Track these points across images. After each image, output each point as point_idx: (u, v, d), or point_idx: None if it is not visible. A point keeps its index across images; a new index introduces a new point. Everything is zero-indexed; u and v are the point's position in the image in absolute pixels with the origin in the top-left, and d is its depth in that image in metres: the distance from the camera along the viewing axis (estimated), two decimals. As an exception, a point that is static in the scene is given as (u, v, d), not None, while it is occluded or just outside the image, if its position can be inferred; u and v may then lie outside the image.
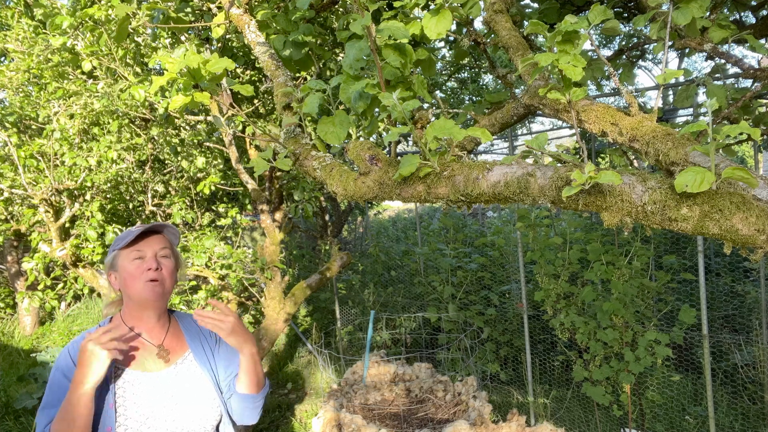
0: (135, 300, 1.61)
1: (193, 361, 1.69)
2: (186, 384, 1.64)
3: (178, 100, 1.56)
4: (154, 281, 1.59)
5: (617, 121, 1.34)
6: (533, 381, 5.27)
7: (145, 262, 1.59)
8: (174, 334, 1.71)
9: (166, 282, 1.62)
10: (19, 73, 4.13)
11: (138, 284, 1.58)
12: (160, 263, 1.61)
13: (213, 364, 1.72)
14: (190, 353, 1.70)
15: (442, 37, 1.66)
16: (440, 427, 3.06)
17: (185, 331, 1.74)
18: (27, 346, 7.22)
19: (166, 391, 1.59)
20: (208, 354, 1.73)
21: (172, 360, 1.65)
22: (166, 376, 1.61)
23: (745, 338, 5.26)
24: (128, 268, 1.59)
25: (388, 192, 1.43)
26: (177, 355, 1.68)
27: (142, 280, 1.58)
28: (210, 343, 1.77)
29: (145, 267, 1.58)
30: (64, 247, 4.12)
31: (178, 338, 1.72)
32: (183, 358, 1.68)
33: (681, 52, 12.22)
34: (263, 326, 4.59)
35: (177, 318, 1.78)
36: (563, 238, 4.42)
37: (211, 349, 1.76)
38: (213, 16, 3.20)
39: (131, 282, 1.58)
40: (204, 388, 1.66)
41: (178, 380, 1.63)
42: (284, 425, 5.14)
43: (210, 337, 1.78)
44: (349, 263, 5.29)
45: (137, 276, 1.58)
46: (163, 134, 4.53)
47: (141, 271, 1.58)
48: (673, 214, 0.99)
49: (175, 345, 1.69)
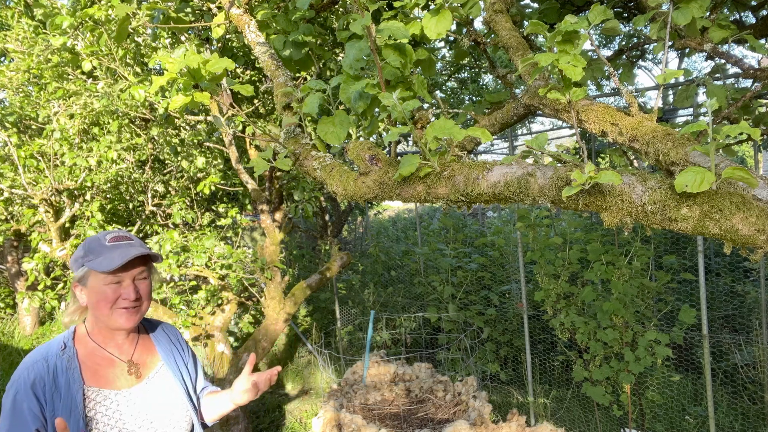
0: (103, 323, 1.51)
1: (165, 373, 1.63)
2: (158, 397, 1.58)
3: (178, 100, 1.56)
4: (130, 309, 1.49)
5: (617, 121, 1.34)
6: (533, 381, 5.27)
7: (121, 288, 1.47)
8: (144, 345, 1.64)
9: (143, 306, 1.53)
10: (19, 73, 4.13)
11: (108, 310, 1.47)
12: (137, 288, 1.50)
13: (185, 372, 1.69)
14: (162, 365, 1.64)
15: (442, 37, 1.66)
16: (440, 427, 3.06)
17: (155, 342, 1.67)
18: (27, 346, 7.22)
19: (138, 407, 1.53)
20: (179, 363, 1.69)
21: (143, 374, 1.58)
22: (137, 392, 1.55)
23: (745, 338, 5.26)
24: (101, 290, 1.46)
25: (388, 192, 1.43)
26: (148, 368, 1.61)
27: (116, 306, 1.47)
28: (181, 352, 1.73)
29: (123, 295, 1.47)
30: (64, 247, 4.12)
31: (149, 350, 1.64)
32: (155, 371, 1.62)
33: (681, 52, 12.22)
34: (263, 326, 4.59)
35: (146, 326, 1.70)
36: (563, 238, 4.42)
37: (183, 359, 1.72)
38: (213, 16, 3.20)
39: (102, 305, 1.47)
40: (176, 399, 1.62)
41: (150, 394, 1.57)
42: (284, 425, 5.14)
43: (180, 346, 1.74)
44: (349, 263, 5.30)
45: (110, 301, 1.46)
46: (163, 134, 4.53)
47: (115, 297, 1.46)
48: (673, 214, 0.99)
49: (145, 358, 1.62)
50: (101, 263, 1.45)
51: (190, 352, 1.79)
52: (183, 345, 1.76)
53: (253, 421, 4.99)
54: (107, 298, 1.46)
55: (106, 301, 1.46)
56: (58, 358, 1.46)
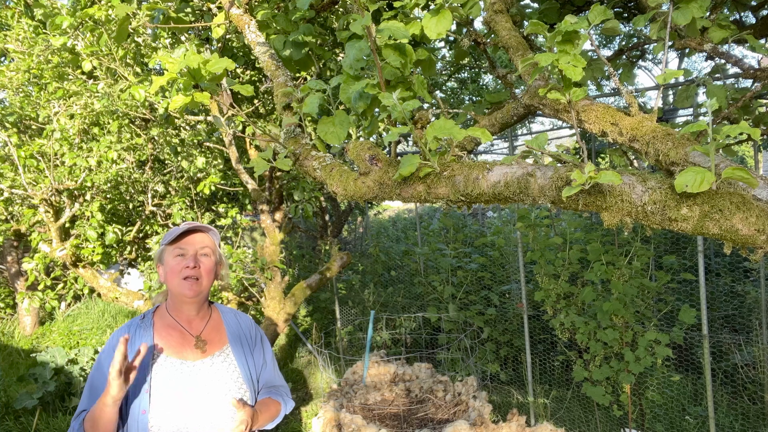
0: (173, 294, 1.72)
1: (230, 355, 1.75)
2: (220, 376, 1.69)
3: (178, 100, 1.56)
4: (191, 278, 1.68)
5: (617, 121, 1.34)
6: (533, 381, 5.27)
7: (185, 260, 1.69)
8: (214, 327, 1.79)
9: (203, 279, 1.70)
10: (19, 73, 4.13)
11: (176, 280, 1.68)
12: (198, 261, 1.70)
13: (250, 360, 1.80)
14: (229, 347, 1.77)
15: (442, 37, 1.66)
16: (440, 427, 3.06)
17: (226, 326, 1.82)
18: (27, 346, 7.22)
19: (200, 381, 1.65)
20: (246, 351, 1.81)
21: (209, 351, 1.72)
22: (201, 366, 1.68)
23: (745, 338, 5.26)
24: (170, 263, 1.70)
25: (388, 192, 1.43)
26: (215, 347, 1.75)
27: (180, 276, 1.67)
28: (249, 340, 1.85)
29: (184, 264, 1.68)
30: (64, 247, 4.12)
31: (218, 331, 1.79)
32: (221, 351, 1.75)
33: (681, 52, 12.22)
34: (263, 326, 4.59)
35: (220, 312, 1.86)
36: (563, 238, 4.42)
37: (250, 347, 1.83)
38: (213, 16, 3.20)
39: (171, 277, 1.69)
40: (237, 382, 1.72)
41: (213, 371, 1.69)
42: (284, 425, 5.14)
43: (249, 335, 1.86)
44: (349, 263, 5.29)
45: (176, 272, 1.68)
46: (163, 134, 4.52)
47: (180, 267, 1.68)
48: (673, 214, 0.99)
49: (214, 337, 1.76)
50: (168, 237, 1.71)
51: (264, 346, 1.91)
52: (255, 336, 1.89)
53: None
54: (173, 270, 1.69)
55: (173, 272, 1.68)
56: (138, 326, 1.71)
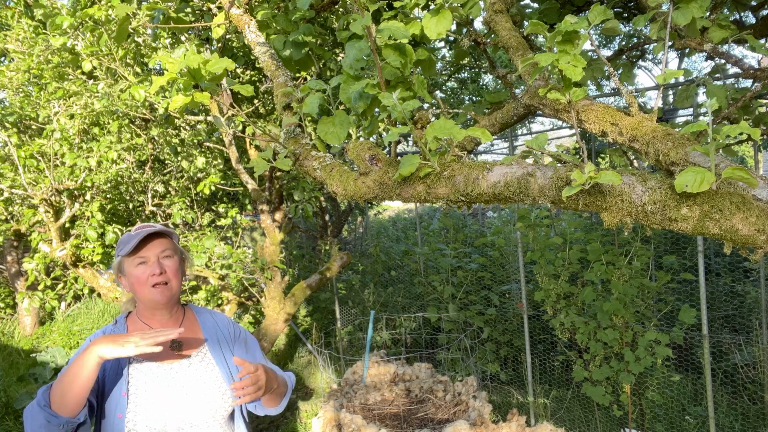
0: (144, 302, 1.68)
1: (207, 355, 1.73)
2: (199, 377, 1.68)
3: (178, 100, 1.56)
4: (160, 285, 1.64)
5: (617, 121, 1.34)
6: (533, 381, 5.27)
7: (148, 267, 1.64)
8: (189, 327, 1.76)
9: (172, 282, 1.67)
10: (19, 73, 4.13)
11: (145, 289, 1.64)
12: (163, 266, 1.66)
13: (229, 358, 1.77)
14: (206, 347, 1.75)
15: (442, 37, 1.65)
16: (440, 427, 3.06)
17: (202, 325, 1.79)
18: (27, 346, 7.21)
19: (177, 383, 1.64)
20: (225, 349, 1.78)
21: (186, 353, 1.70)
22: (179, 368, 1.66)
23: (745, 338, 5.26)
24: (134, 274, 1.65)
25: (388, 192, 1.43)
26: (192, 348, 1.72)
27: (148, 284, 1.64)
28: (228, 338, 1.82)
29: (150, 272, 1.64)
30: (64, 247, 4.12)
31: (194, 332, 1.77)
32: (198, 352, 1.72)
33: (681, 52, 12.22)
34: (263, 326, 4.59)
35: (193, 311, 1.84)
36: (563, 238, 4.42)
37: (229, 345, 1.80)
38: (213, 16, 3.20)
39: (139, 287, 1.65)
40: (216, 382, 1.69)
41: (190, 373, 1.67)
42: (284, 425, 5.14)
43: (227, 333, 1.83)
44: (349, 263, 5.29)
45: (143, 281, 1.64)
46: (163, 134, 4.52)
47: (146, 276, 1.64)
48: (673, 214, 0.99)
49: (189, 338, 1.74)
50: (125, 248, 1.64)
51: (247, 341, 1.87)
52: (234, 332, 1.85)
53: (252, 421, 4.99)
54: (140, 280, 1.64)
55: (139, 282, 1.64)
56: (111, 331, 1.68)
